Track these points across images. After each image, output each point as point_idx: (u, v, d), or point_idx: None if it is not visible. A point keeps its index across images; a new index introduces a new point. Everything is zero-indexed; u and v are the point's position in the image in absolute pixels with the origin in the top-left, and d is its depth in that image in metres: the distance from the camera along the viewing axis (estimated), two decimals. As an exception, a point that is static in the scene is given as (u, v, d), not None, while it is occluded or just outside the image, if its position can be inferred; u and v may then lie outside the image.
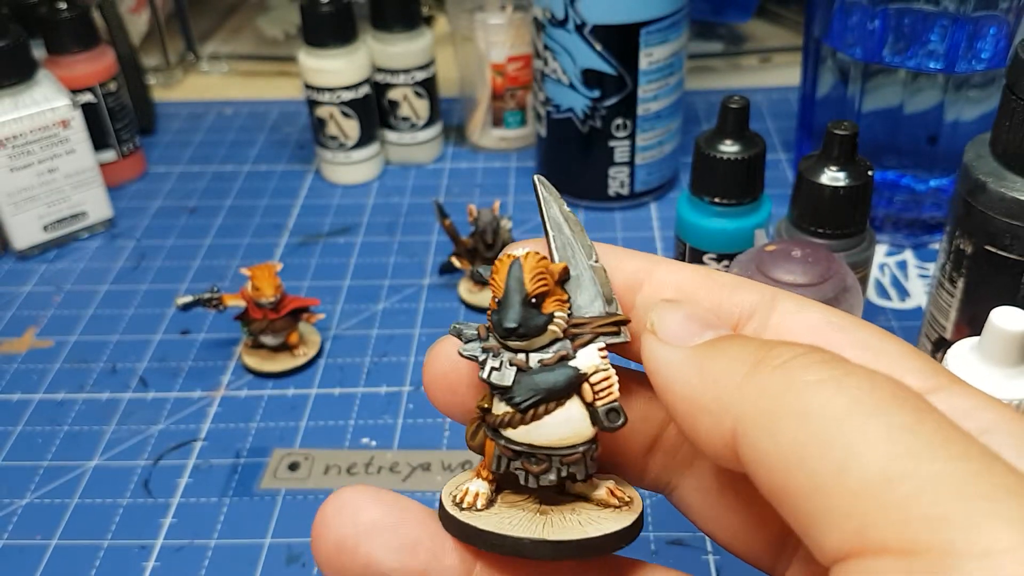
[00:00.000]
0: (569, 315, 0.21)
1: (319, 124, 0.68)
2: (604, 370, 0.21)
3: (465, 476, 0.22)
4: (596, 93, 0.61)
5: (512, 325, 0.20)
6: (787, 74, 0.82)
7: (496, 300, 0.21)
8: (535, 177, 0.23)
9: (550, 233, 0.22)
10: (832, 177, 0.45)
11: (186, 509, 0.44)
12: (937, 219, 0.60)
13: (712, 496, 0.22)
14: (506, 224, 0.56)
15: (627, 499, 0.22)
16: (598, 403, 0.21)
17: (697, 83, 0.81)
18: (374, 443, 0.48)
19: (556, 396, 0.20)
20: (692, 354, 0.18)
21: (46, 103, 0.61)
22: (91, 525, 0.44)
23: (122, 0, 0.79)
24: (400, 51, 0.68)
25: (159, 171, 0.73)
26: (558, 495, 0.22)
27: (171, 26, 0.86)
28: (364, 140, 0.69)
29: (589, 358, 0.21)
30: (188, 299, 0.51)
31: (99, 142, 0.68)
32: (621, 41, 0.59)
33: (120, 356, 0.54)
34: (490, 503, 0.22)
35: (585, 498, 0.22)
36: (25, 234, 0.63)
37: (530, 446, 0.21)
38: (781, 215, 0.49)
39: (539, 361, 0.21)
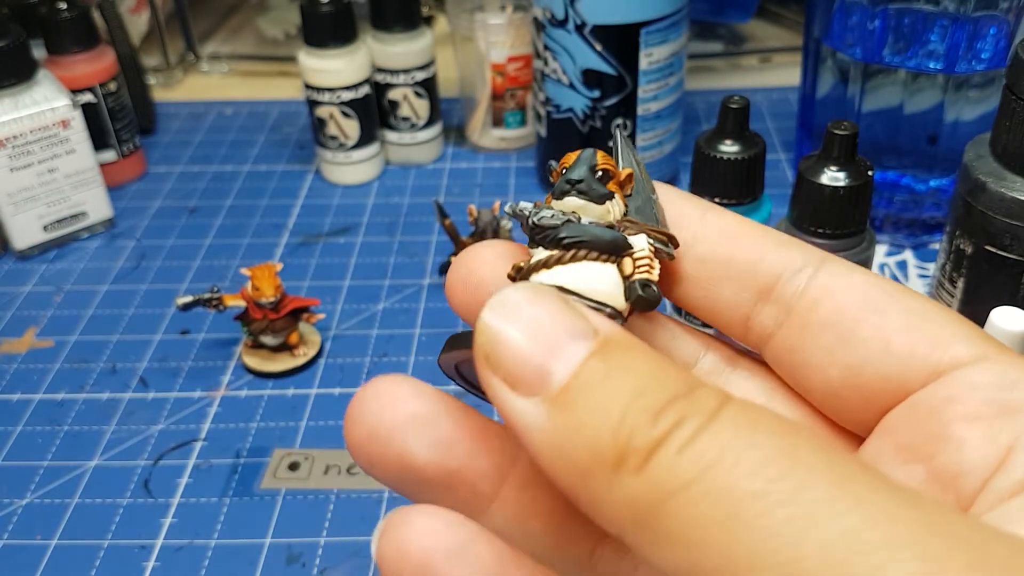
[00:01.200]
0: (625, 214, 0.21)
1: (319, 124, 0.68)
2: (649, 253, 0.20)
3: None
4: (596, 93, 0.61)
5: (577, 177, 0.20)
6: (787, 74, 0.82)
7: (563, 170, 0.21)
8: (615, 129, 0.23)
9: (621, 164, 0.22)
10: (832, 177, 0.45)
11: (186, 509, 0.44)
12: (937, 219, 0.60)
13: None
14: (506, 224, 0.56)
15: None
16: (636, 276, 0.20)
17: (697, 83, 0.81)
18: (374, 443, 0.48)
19: (599, 247, 0.20)
20: (549, 422, 0.16)
21: (46, 103, 0.61)
22: (91, 525, 0.44)
23: (122, 0, 0.79)
24: (400, 51, 0.68)
25: (159, 171, 0.73)
26: None
27: (171, 26, 0.86)
28: (364, 140, 0.69)
29: (638, 241, 0.21)
30: (188, 299, 0.51)
31: (99, 142, 0.68)
32: (621, 41, 0.59)
33: (120, 356, 0.54)
34: None
35: None
36: (25, 234, 0.63)
37: (561, 288, 0.20)
38: (781, 215, 0.49)
39: (590, 222, 0.21)
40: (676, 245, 0.21)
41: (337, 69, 0.66)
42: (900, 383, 0.19)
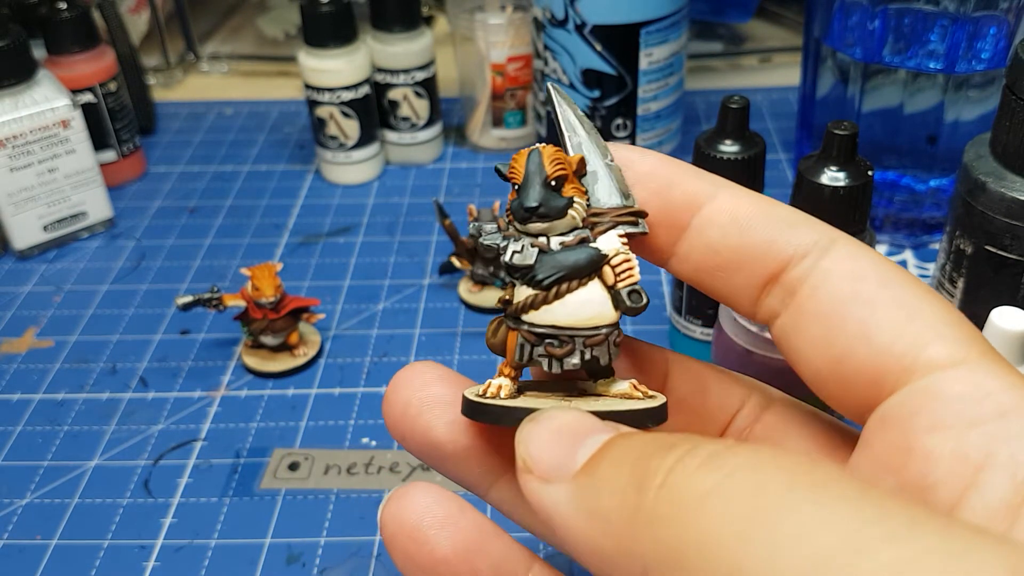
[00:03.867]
0: (588, 205, 0.21)
1: (319, 124, 0.68)
2: (624, 253, 0.21)
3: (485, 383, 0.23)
4: (596, 93, 0.61)
5: (533, 204, 0.20)
6: (787, 74, 0.82)
7: (516, 187, 0.21)
8: (549, 84, 0.23)
9: (565, 134, 0.22)
10: (832, 177, 0.45)
11: (186, 509, 0.44)
12: (937, 219, 0.60)
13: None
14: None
15: (651, 394, 0.22)
16: (620, 284, 0.21)
17: (697, 83, 0.81)
18: (374, 443, 0.48)
19: (578, 274, 0.21)
20: (574, 492, 0.17)
21: (46, 103, 0.61)
22: (91, 525, 0.44)
23: (122, 0, 0.79)
24: (400, 51, 0.68)
25: (159, 171, 0.73)
26: (578, 395, 0.22)
27: (171, 26, 0.86)
28: (364, 140, 0.69)
29: (610, 242, 0.21)
30: (188, 299, 0.51)
31: (99, 142, 0.68)
32: (621, 41, 0.59)
33: (120, 356, 0.54)
34: (513, 397, 0.22)
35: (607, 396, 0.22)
36: (25, 234, 0.63)
37: (554, 327, 0.21)
38: (781, 215, 0.49)
39: (560, 243, 0.21)
40: (646, 214, 0.21)
41: (337, 69, 0.66)
42: (877, 379, 0.19)
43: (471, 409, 0.21)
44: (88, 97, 0.68)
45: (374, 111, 0.69)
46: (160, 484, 0.46)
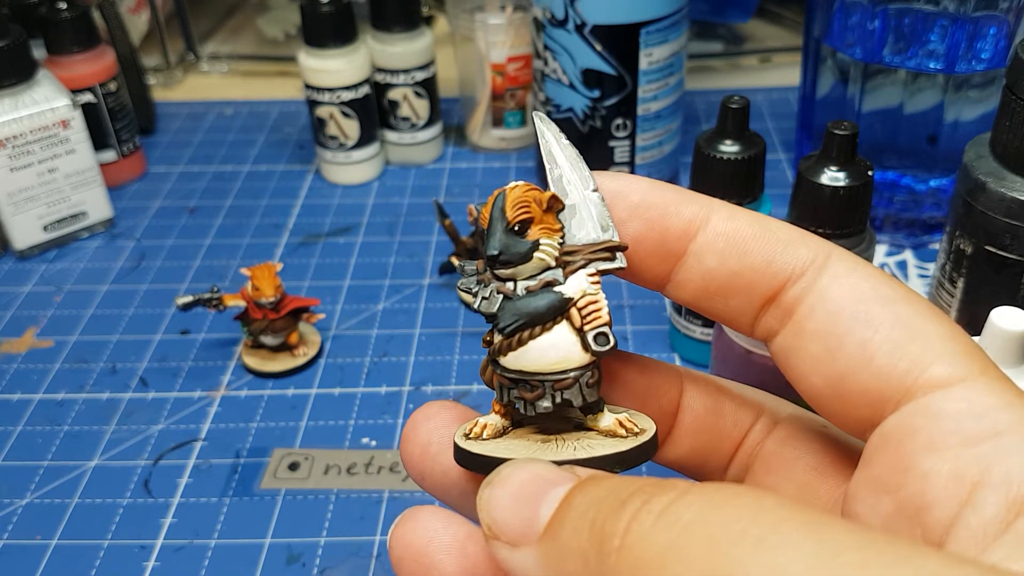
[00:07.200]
0: (561, 243, 0.21)
1: (319, 124, 0.68)
2: (592, 295, 0.21)
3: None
4: (596, 93, 0.61)
5: (493, 252, 0.20)
6: (787, 74, 0.82)
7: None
8: (534, 113, 0.23)
9: (547, 166, 0.22)
10: (832, 177, 0.45)
11: (186, 509, 0.44)
12: (937, 219, 0.60)
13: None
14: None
15: (637, 430, 0.21)
16: (586, 327, 0.21)
17: (697, 83, 0.81)
18: (374, 443, 0.48)
19: (539, 321, 0.21)
20: (540, 557, 0.17)
21: (46, 103, 0.61)
22: (91, 525, 0.44)
23: (122, 0, 0.79)
24: (400, 51, 0.68)
25: (159, 171, 0.73)
26: (572, 429, 0.22)
27: (171, 26, 0.86)
28: (364, 140, 0.69)
29: (577, 284, 0.21)
30: (188, 299, 0.51)
31: (99, 142, 0.68)
32: (621, 41, 0.59)
33: (120, 356, 0.54)
34: (499, 435, 0.22)
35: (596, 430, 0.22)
36: (25, 234, 0.63)
37: (521, 372, 0.21)
38: (781, 215, 0.49)
39: (525, 288, 0.21)
40: (623, 248, 0.21)
41: (337, 69, 0.66)
42: (879, 399, 0.19)
43: (461, 457, 0.21)
44: (88, 97, 0.68)
45: (374, 111, 0.69)
46: (160, 484, 0.46)
